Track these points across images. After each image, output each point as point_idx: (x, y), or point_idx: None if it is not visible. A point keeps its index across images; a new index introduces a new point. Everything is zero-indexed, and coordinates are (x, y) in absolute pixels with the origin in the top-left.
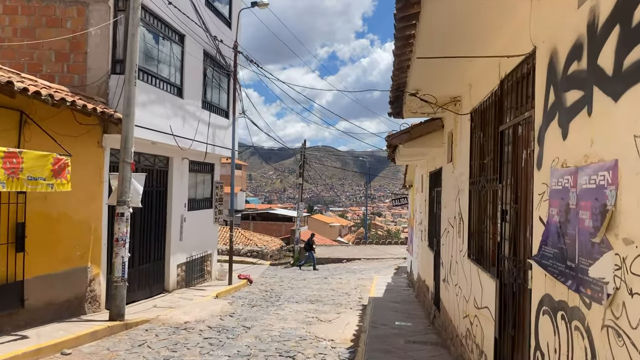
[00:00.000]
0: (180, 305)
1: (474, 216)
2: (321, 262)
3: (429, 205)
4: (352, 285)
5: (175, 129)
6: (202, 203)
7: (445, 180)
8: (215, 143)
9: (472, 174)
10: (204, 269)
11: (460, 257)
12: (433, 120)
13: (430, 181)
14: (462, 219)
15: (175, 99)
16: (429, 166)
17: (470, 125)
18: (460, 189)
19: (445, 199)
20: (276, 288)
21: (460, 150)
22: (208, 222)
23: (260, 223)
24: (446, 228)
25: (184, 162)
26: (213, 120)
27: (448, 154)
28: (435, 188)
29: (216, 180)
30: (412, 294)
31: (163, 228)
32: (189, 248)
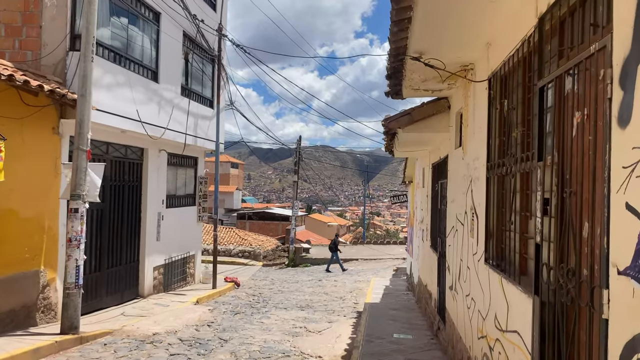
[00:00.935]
0: (153, 313)
1: (494, 210)
2: (317, 262)
3: (431, 201)
4: (347, 289)
5: (148, 116)
6: (183, 200)
7: (453, 169)
8: (198, 134)
9: (491, 156)
10: (186, 271)
11: (473, 261)
12: (438, 101)
13: (433, 174)
14: (475, 214)
15: (148, 83)
16: (431, 157)
17: (488, 94)
18: (473, 178)
19: (453, 191)
20: (265, 292)
21: (474, 131)
22: (190, 221)
23: (256, 222)
24: (454, 226)
25: (161, 154)
26: (194, 109)
27: (456, 139)
28: (440, 180)
29: (200, 175)
30: (412, 299)
31: (137, 227)
32: (167, 249)
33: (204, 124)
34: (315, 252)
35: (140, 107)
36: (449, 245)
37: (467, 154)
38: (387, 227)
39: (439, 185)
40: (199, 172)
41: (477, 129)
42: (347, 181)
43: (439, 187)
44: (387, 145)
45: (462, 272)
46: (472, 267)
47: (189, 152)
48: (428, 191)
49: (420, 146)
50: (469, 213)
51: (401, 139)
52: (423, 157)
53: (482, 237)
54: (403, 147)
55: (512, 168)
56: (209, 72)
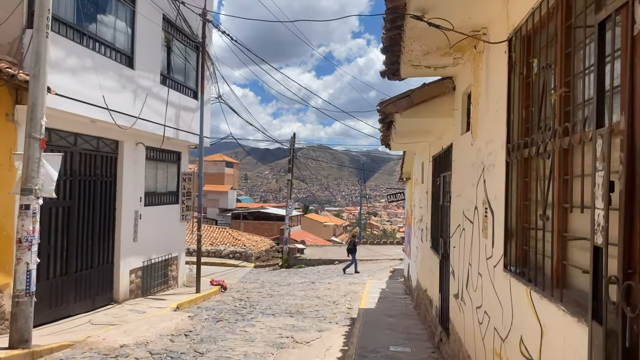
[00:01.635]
0: (126, 321)
1: (515, 203)
2: (312, 263)
3: (432, 198)
4: (341, 292)
5: (122, 104)
6: (165, 197)
7: (459, 159)
8: (180, 127)
9: (512, 135)
10: (168, 274)
11: (487, 267)
12: (441, 81)
13: (434, 167)
14: (490, 209)
15: (122, 69)
16: (432, 149)
17: (509, 58)
18: (486, 166)
19: (459, 184)
20: (253, 296)
21: (487, 108)
22: (173, 220)
23: (251, 222)
24: (460, 225)
25: (138, 147)
26: (176, 100)
27: (462, 123)
28: (442, 174)
29: (183, 171)
30: (410, 304)
31: (111, 226)
32: (146, 250)
33: (187, 117)
34: (310, 252)
35: (112, 95)
36: (454, 247)
37: (478, 137)
38: (384, 227)
39: (441, 179)
40: (182, 168)
41: (491, 106)
42: (344, 181)
43: (440, 182)
44: (383, 137)
45: (471, 279)
46: (486, 274)
47: (171, 147)
48: (428, 187)
49: (420, 136)
50: (480, 208)
51: (399, 127)
52: (422, 150)
53: (499, 238)
54: (401, 137)
55: (545, 146)
56: (194, 61)
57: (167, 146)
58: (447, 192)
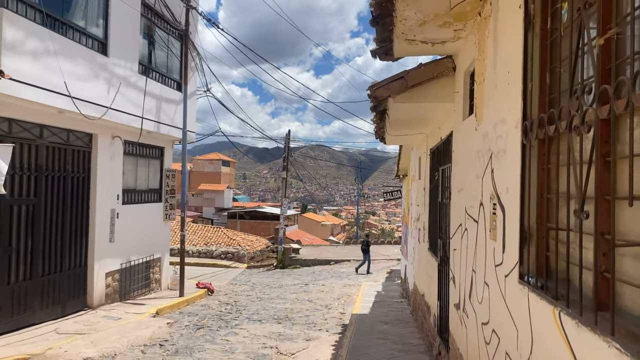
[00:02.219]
0: (96, 329)
1: (533, 196)
2: (307, 264)
3: (429, 195)
4: (335, 294)
5: (93, 93)
6: (146, 195)
7: (461, 148)
8: (161, 120)
9: (529, 111)
10: (150, 276)
11: (496, 276)
12: (439, 61)
13: (432, 161)
14: (500, 205)
15: (94, 56)
16: (429, 141)
17: (525, 13)
18: (495, 152)
19: (460, 178)
20: (242, 299)
21: (495, 83)
22: (155, 219)
23: (248, 222)
24: (461, 224)
25: (115, 141)
26: (156, 91)
27: (464, 106)
28: (441, 167)
29: (167, 167)
30: (407, 309)
31: (84, 226)
32: (124, 251)
33: (170, 109)
34: (305, 252)
35: (83, 83)
36: (454, 250)
37: (484, 120)
38: (382, 227)
39: (440, 173)
40: (165, 164)
41: (501, 79)
42: (343, 180)
43: (439, 176)
44: (377, 129)
45: (475, 288)
46: (494, 285)
47: (153, 141)
48: (425, 183)
49: (417, 127)
50: (487, 205)
51: (393, 115)
52: (419, 144)
53: (512, 241)
54: (396, 128)
55: (583, 116)
56: (178, 51)
57: (148, 140)
58: (446, 188)
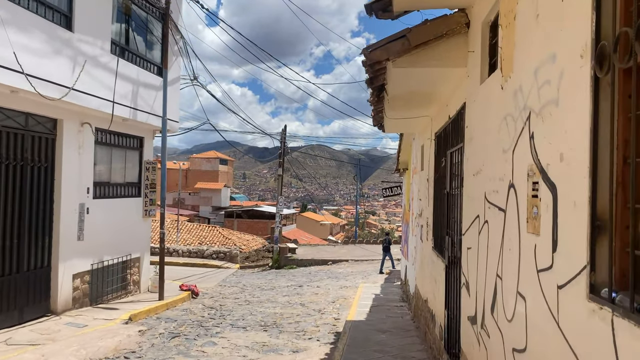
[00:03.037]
0: (54, 340)
1: (615, 165)
2: (303, 264)
3: (434, 186)
4: (330, 297)
5: (55, 72)
6: (122, 189)
7: (478, 119)
8: (139, 106)
9: (607, 27)
10: (127, 278)
11: (540, 285)
12: (448, 16)
13: (438, 146)
14: (546, 183)
15: (55, 30)
16: (434, 124)
17: None
18: (537, 110)
19: (477, 157)
20: (228, 303)
21: (539, 12)
22: (134, 216)
23: (245, 221)
24: (479, 216)
25: (84, 128)
26: (133, 75)
27: (483, 66)
28: (450, 150)
29: (146, 159)
30: (407, 314)
31: (47, 222)
32: (96, 250)
33: (149, 95)
34: (302, 252)
35: (40, 59)
36: (468, 248)
37: (516, 70)
38: (382, 226)
39: (448, 158)
40: (145, 155)
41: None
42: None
43: (446, 162)
44: (374, 113)
45: (501, 300)
46: (537, 299)
47: (131, 130)
48: (429, 173)
49: (420, 106)
50: (521, 186)
51: (392, 87)
52: (422, 130)
53: (572, 233)
54: (396, 108)
55: None
56: (158, 31)
57: (125, 129)
58: (455, 176)
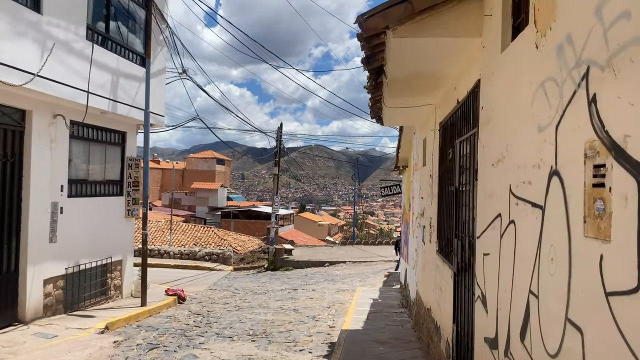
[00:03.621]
0: (15, 353)
1: None
2: (300, 265)
3: (438, 182)
4: (325, 302)
5: (19, 57)
6: (102, 187)
7: (499, 96)
8: (119, 98)
9: None
10: (107, 282)
11: (614, 318)
12: None
13: (443, 137)
14: (622, 164)
15: (21, 11)
16: (439, 113)
17: None
18: (603, 60)
19: (500, 141)
20: (217, 309)
21: None
22: (115, 216)
23: (242, 221)
24: (500, 214)
25: (57, 121)
26: (113, 64)
27: (505, 30)
28: (459, 139)
29: (129, 155)
30: (408, 322)
31: (14, 222)
32: (71, 253)
33: (131, 87)
34: (298, 253)
35: (3, 43)
36: (486, 255)
37: (560, 18)
38: (380, 227)
39: (456, 149)
40: (127, 151)
41: None
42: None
43: (454, 154)
44: (372, 102)
45: (538, 325)
46: (608, 335)
47: (111, 124)
48: (432, 168)
49: (423, 91)
50: (571, 172)
51: (392, 66)
52: (424, 122)
53: None
54: (396, 93)
55: None
56: (144, 20)
57: (105, 123)
58: (465, 169)
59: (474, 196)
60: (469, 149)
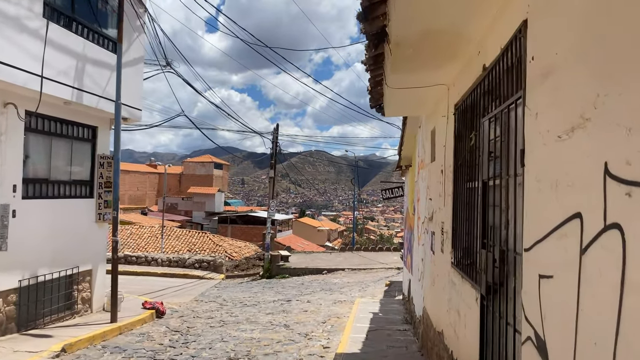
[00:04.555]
0: None
1: None
2: (296, 273)
3: (454, 179)
4: (320, 316)
5: None
6: (67, 188)
7: (575, 28)
8: (85, 87)
9: None
10: (74, 295)
11: None
12: None
13: (461, 121)
14: None
15: None
16: (454, 92)
17: None
18: None
19: (578, 97)
20: (199, 324)
21: None
22: (83, 220)
23: (239, 227)
24: (581, 214)
25: (8, 110)
26: (77, 47)
27: None
28: (484, 119)
29: (101, 153)
30: (414, 344)
31: None
32: (27, 263)
33: (101, 75)
34: (295, 260)
35: None
36: (546, 277)
37: None
38: (381, 232)
39: (482, 130)
40: (99, 148)
41: None
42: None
43: (478, 138)
44: (371, 83)
45: None
46: None
47: (80, 118)
48: (445, 162)
49: (435, 61)
50: None
51: (398, 22)
52: (433, 109)
53: None
54: (401, 65)
55: None
56: None
57: (70, 115)
58: (495, 157)
59: (515, 191)
60: (501, 127)
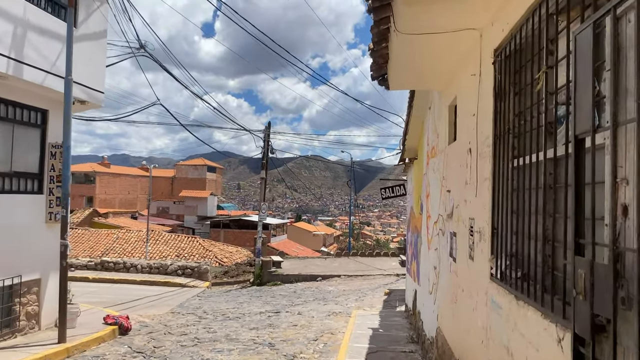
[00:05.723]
0: None
1: None
2: (289, 279)
3: (494, 155)
4: (312, 331)
5: None
6: (7, 182)
7: None
8: (26, 59)
9: None
10: (15, 310)
11: None
12: None
13: (507, 67)
14: None
15: None
16: (498, 27)
17: None
18: None
19: None
20: (168, 343)
21: None
22: (28, 220)
23: (232, 231)
24: None
25: None
26: (14, 9)
27: None
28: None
29: (51, 141)
30: None
31: None
32: None
33: (50, 48)
34: (288, 266)
35: None
36: None
37: None
38: (377, 237)
39: (578, 47)
40: (50, 136)
41: None
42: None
43: (548, 79)
44: (375, 39)
45: None
46: None
47: (24, 98)
48: (478, 136)
49: None
50: None
51: None
52: (451, 80)
53: None
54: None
55: None
56: None
57: (11, 95)
58: (599, 100)
59: None
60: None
